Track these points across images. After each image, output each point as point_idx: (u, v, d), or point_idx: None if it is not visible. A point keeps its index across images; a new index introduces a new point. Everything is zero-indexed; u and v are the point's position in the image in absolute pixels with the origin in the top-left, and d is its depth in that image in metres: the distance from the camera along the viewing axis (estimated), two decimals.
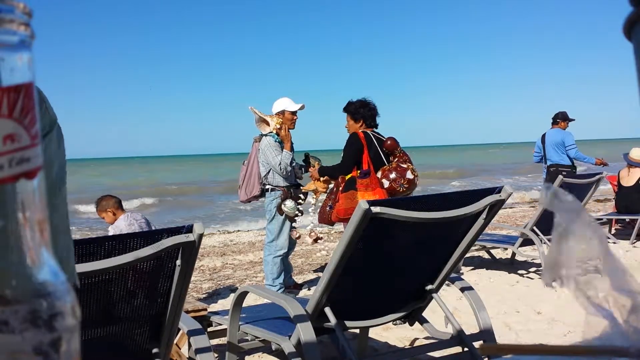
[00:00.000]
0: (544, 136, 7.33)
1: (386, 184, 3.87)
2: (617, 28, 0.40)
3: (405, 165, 3.92)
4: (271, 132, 4.45)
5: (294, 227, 4.59)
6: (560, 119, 7.25)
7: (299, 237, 4.67)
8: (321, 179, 4.36)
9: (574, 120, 7.30)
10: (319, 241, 4.75)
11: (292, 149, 4.53)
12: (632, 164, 6.88)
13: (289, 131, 4.49)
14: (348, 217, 3.86)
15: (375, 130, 4.15)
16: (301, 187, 4.58)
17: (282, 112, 4.54)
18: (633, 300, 0.36)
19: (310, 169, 4.66)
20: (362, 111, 4.15)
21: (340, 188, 3.99)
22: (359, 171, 3.97)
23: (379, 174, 3.93)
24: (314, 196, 4.51)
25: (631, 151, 6.93)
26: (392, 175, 3.87)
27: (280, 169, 4.39)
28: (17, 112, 0.26)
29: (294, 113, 4.57)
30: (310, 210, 4.65)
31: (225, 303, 4.44)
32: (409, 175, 3.88)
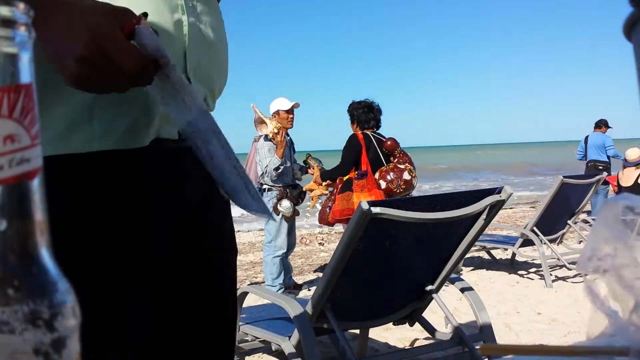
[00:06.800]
0: (586, 138, 8.44)
1: (383, 184, 3.87)
2: (614, 28, 0.40)
3: (402, 166, 3.91)
4: (267, 135, 4.41)
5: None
6: (603, 124, 8.45)
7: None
8: (323, 183, 4.36)
9: (611, 128, 8.53)
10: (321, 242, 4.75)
11: (294, 151, 4.51)
12: (627, 165, 7.18)
13: (285, 138, 4.36)
14: (343, 218, 3.88)
15: (376, 131, 4.15)
16: (308, 194, 4.56)
17: (277, 113, 4.51)
18: (636, 298, 0.36)
19: (309, 171, 4.65)
20: (355, 113, 4.15)
21: (337, 189, 3.99)
22: (356, 172, 3.97)
23: (376, 175, 3.92)
24: (313, 200, 4.52)
25: (627, 152, 7.21)
26: (390, 176, 3.87)
27: (266, 172, 4.37)
28: (17, 112, 0.26)
29: (288, 111, 4.48)
30: (307, 208, 4.66)
31: None
32: (406, 176, 3.88)
